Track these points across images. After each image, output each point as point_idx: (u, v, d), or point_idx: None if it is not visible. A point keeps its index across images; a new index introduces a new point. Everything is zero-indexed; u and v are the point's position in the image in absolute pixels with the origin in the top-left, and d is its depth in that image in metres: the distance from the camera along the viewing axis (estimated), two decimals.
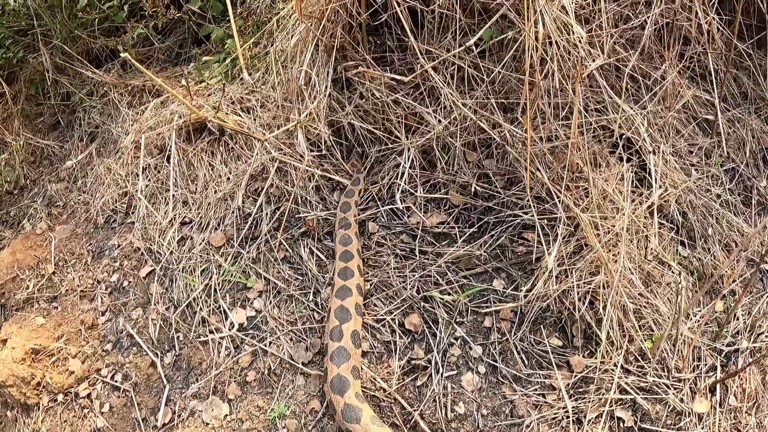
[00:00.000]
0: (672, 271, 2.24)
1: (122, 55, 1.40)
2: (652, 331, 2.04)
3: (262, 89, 2.68)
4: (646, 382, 1.93)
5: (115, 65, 3.36)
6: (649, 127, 2.44)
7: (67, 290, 2.73)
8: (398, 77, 2.13)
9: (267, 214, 2.35)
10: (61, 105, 3.60)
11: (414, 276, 2.12)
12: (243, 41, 2.80)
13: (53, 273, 2.82)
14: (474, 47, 2.44)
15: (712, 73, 2.40)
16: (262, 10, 2.83)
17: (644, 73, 2.49)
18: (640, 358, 1.99)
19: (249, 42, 2.79)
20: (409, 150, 2.28)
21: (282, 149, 2.41)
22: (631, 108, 2.37)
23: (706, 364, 2.00)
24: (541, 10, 1.87)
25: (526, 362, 2.01)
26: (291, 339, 2.08)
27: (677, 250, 2.38)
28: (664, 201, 2.34)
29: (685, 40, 2.50)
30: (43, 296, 2.76)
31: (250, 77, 2.69)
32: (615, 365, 1.94)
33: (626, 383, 1.91)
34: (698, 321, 2.10)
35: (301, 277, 2.21)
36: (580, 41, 1.91)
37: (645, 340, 2.03)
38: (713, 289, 2.34)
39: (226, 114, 2.61)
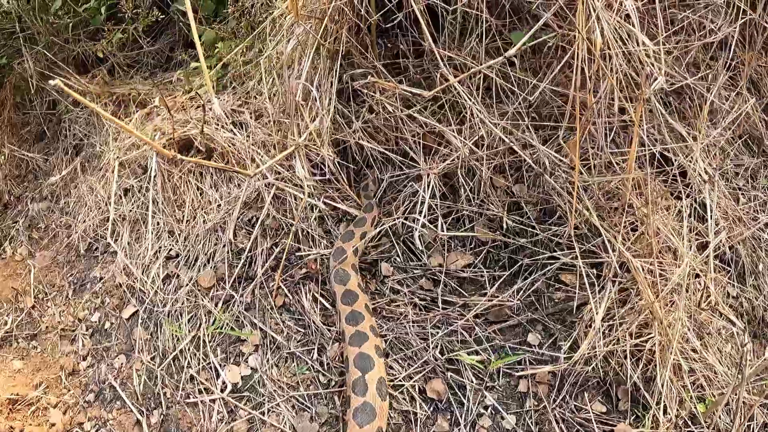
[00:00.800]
0: (725, 319, 1.90)
1: (52, 82, 1.06)
2: (703, 389, 1.73)
3: (256, 99, 2.34)
4: None
5: (101, 71, 3.03)
6: (705, 154, 2.07)
7: (47, 327, 2.45)
8: (417, 91, 1.77)
9: (263, 250, 2.02)
10: (47, 114, 3.29)
11: (437, 333, 1.78)
12: (234, 44, 2.45)
13: (32, 307, 2.54)
14: (503, 52, 2.07)
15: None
16: (258, 10, 2.47)
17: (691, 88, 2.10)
18: (690, 423, 1.70)
19: (242, 45, 2.45)
20: (428, 176, 1.93)
21: (280, 173, 2.07)
22: (686, 130, 1.99)
23: (758, 424, 1.68)
24: (597, 14, 1.49)
25: None
26: (293, 406, 1.76)
27: (726, 291, 2.03)
28: (726, 243, 1.98)
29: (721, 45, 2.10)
30: (21, 334, 2.48)
31: (243, 87, 2.35)
32: None
33: None
34: (753, 375, 1.76)
35: (303, 330, 1.88)
36: (647, 55, 1.52)
37: (698, 403, 1.73)
38: (764, 334, 2.00)
39: (216, 129, 2.27)
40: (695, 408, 1.71)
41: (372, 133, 2.05)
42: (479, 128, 1.94)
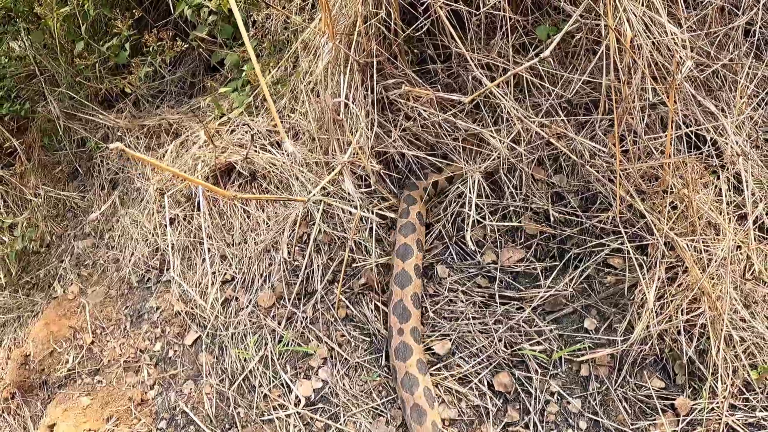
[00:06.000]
0: None
1: (112, 146, 1.12)
2: (754, 357, 1.80)
3: (290, 118, 2.40)
4: (754, 418, 1.72)
5: (127, 105, 3.10)
6: (736, 128, 2.10)
7: (109, 361, 2.53)
8: (455, 97, 1.83)
9: (319, 266, 2.08)
10: (77, 152, 3.36)
11: (499, 329, 1.83)
12: (261, 66, 2.50)
13: (92, 343, 2.61)
14: (531, 49, 2.12)
15: None
16: (278, 29, 2.53)
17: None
18: (745, 390, 1.77)
19: (269, 65, 2.50)
20: (472, 176, 1.98)
21: (326, 188, 2.13)
22: (717, 107, 2.02)
23: None
24: (625, 6, 1.54)
25: (629, 411, 1.76)
26: (369, 412, 1.83)
27: (766, 256, 2.07)
28: (765, 212, 2.02)
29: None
30: (84, 370, 2.56)
31: (276, 104, 2.40)
32: (721, 402, 1.69)
33: (734, 421, 1.69)
34: None
35: (368, 339, 1.94)
36: (675, 42, 1.57)
37: (751, 370, 1.79)
38: None
39: (255, 152, 2.33)
40: (749, 375, 1.78)
41: (411, 140, 2.11)
42: (515, 124, 1.99)
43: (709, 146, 2.02)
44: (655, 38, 1.67)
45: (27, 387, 2.71)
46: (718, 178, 1.96)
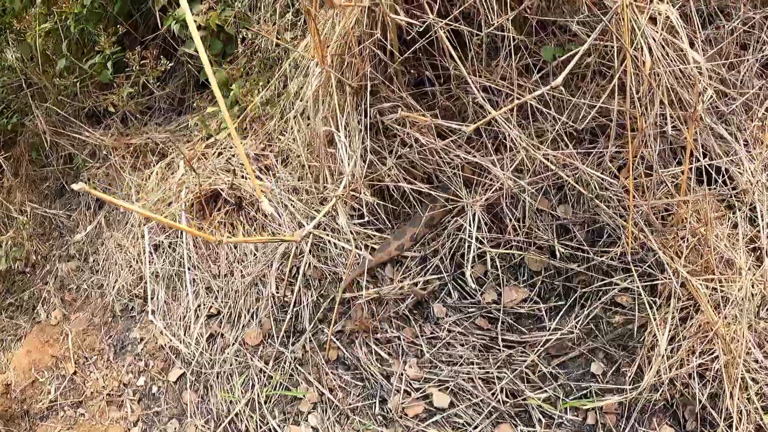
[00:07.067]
0: None
1: (76, 186, 1.00)
2: (767, 399, 1.67)
3: (280, 141, 2.27)
4: None
5: (115, 121, 2.97)
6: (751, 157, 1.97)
7: (92, 393, 2.41)
8: (455, 125, 1.70)
9: (308, 303, 1.96)
10: (64, 168, 3.25)
11: (502, 377, 1.71)
12: (249, 86, 2.38)
13: (74, 373, 2.50)
14: (535, 71, 1.99)
15: None
16: (269, 46, 2.41)
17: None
18: None
19: (258, 85, 2.38)
20: (472, 209, 1.85)
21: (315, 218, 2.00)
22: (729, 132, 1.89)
23: None
24: (643, 31, 1.40)
25: None
26: None
27: None
28: None
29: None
30: (67, 402, 2.45)
31: (263, 128, 2.28)
32: None
33: None
34: None
35: (361, 383, 1.82)
36: (699, 71, 1.44)
37: (764, 414, 1.66)
38: None
39: (242, 177, 2.21)
40: (761, 419, 1.65)
41: (408, 168, 1.98)
42: (518, 152, 1.86)
43: (723, 174, 1.90)
44: (674, 65, 1.54)
45: (8, 417, 2.60)
46: (734, 212, 1.84)
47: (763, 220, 1.79)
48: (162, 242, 2.37)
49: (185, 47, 2.64)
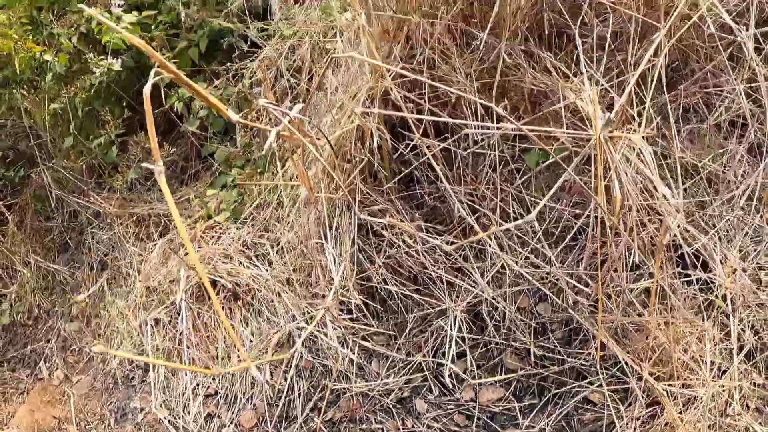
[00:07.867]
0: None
1: (95, 349, 1.12)
2: None
3: (276, 228, 2.41)
4: None
5: (118, 181, 3.10)
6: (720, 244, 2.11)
7: None
8: (437, 243, 1.84)
9: (301, 393, 2.09)
10: (69, 224, 3.37)
11: None
12: (250, 171, 2.52)
13: None
14: (517, 175, 2.13)
15: None
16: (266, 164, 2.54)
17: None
18: None
19: (256, 171, 2.51)
20: (453, 312, 1.99)
21: (310, 313, 2.14)
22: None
23: None
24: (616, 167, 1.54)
25: None
26: None
27: (753, 382, 2.08)
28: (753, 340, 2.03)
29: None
30: None
31: (261, 215, 2.42)
32: None
33: None
34: None
35: None
36: (669, 206, 1.58)
37: None
38: None
39: (239, 264, 2.34)
40: None
41: (395, 268, 2.12)
42: (499, 259, 2.00)
43: (699, 269, 2.02)
44: (645, 202, 1.68)
45: None
46: (704, 320, 1.98)
47: (734, 331, 1.92)
48: (162, 318, 2.50)
49: (188, 125, 2.78)
